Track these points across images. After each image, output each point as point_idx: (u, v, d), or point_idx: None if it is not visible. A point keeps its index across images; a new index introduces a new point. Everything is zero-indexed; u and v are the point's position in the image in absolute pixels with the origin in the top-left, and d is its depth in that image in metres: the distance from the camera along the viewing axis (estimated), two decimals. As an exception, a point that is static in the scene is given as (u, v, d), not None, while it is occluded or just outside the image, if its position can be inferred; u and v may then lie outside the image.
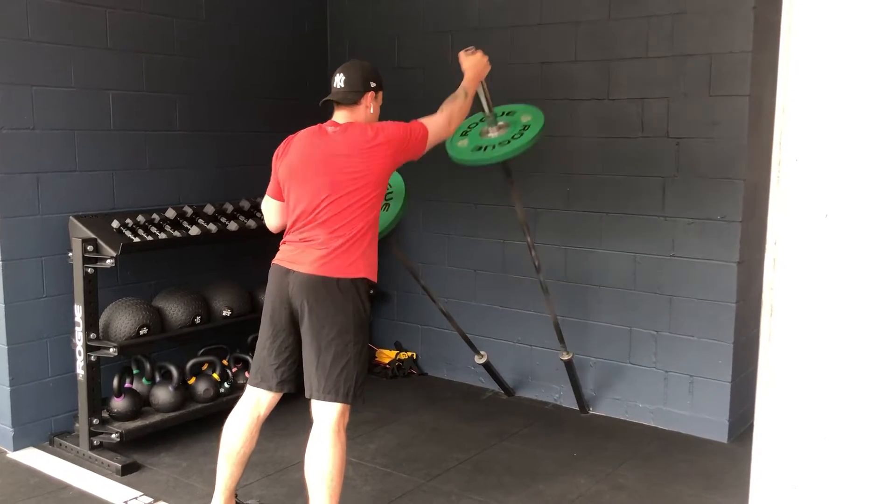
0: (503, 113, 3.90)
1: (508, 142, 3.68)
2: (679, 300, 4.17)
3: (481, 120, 3.88)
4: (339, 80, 3.02)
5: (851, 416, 1.67)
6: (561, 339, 4.21)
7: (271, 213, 3.14)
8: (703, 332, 4.11)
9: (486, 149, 3.71)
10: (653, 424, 4.31)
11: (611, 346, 4.42)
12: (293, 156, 3.01)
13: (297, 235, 2.97)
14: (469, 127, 3.92)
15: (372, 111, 3.05)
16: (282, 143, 3.09)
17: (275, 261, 3.02)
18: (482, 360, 4.46)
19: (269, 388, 3.05)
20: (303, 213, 2.95)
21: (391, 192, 3.75)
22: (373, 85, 3.04)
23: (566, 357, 4.23)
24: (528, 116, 3.81)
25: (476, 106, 3.74)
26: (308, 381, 2.91)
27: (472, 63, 3.38)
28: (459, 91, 3.29)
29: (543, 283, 4.12)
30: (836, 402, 1.69)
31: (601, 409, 4.49)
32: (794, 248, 1.70)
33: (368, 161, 2.90)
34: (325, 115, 3.11)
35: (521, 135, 3.70)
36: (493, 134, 3.81)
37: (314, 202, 2.91)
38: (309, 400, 2.93)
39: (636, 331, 4.33)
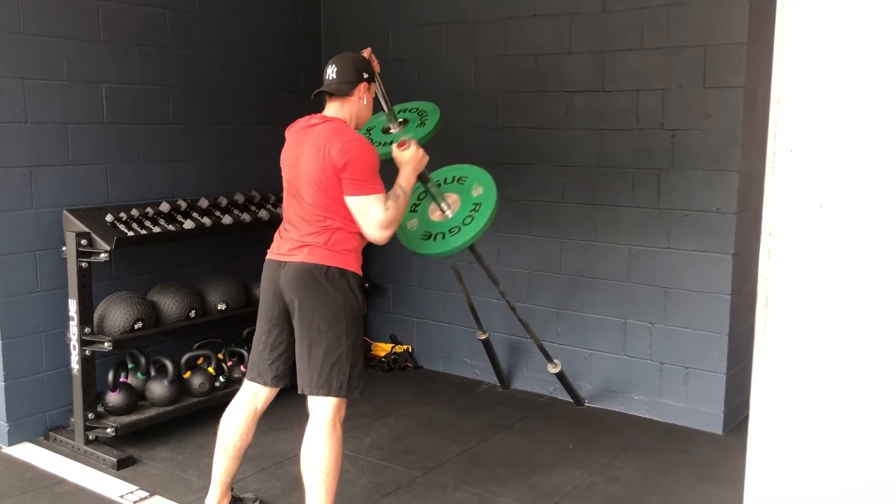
0: (455, 178, 3.53)
1: (459, 228, 3.33)
2: (674, 292, 4.17)
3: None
4: (331, 72, 3.02)
5: (846, 406, 1.68)
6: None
7: None
8: (698, 323, 4.11)
9: (436, 237, 3.35)
10: (648, 416, 4.32)
11: (606, 339, 4.42)
12: (287, 147, 3.03)
13: (287, 227, 2.99)
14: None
15: (365, 102, 3.05)
16: (286, 132, 3.10)
17: (268, 255, 3.03)
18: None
19: (265, 383, 3.05)
20: (293, 203, 2.97)
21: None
22: (365, 76, 3.03)
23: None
24: (480, 189, 3.45)
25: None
26: (300, 375, 2.91)
27: (409, 158, 3.07)
28: (397, 190, 2.98)
29: (510, 303, 4.12)
30: (831, 393, 1.69)
31: (596, 402, 4.50)
32: (789, 239, 1.70)
33: (325, 164, 2.83)
34: (318, 107, 3.10)
35: (473, 219, 3.34)
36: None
37: (301, 194, 2.92)
38: (305, 394, 2.93)
39: (631, 323, 4.33)
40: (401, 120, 3.72)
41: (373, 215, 2.85)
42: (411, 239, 3.41)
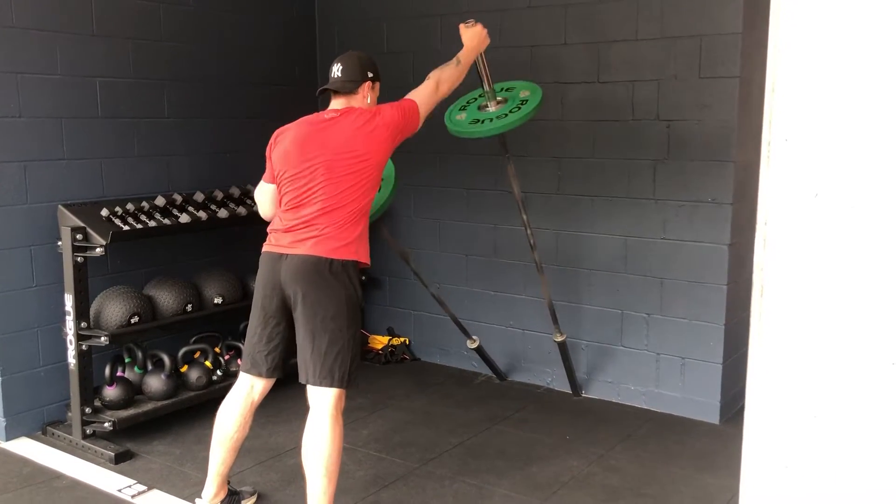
0: (502, 89, 3.88)
1: (506, 115, 3.68)
2: (670, 282, 4.18)
3: (480, 95, 3.86)
4: (336, 70, 3.03)
5: (842, 395, 1.68)
6: (555, 321, 4.22)
7: (267, 199, 3.12)
8: (694, 314, 4.12)
9: (483, 122, 3.71)
10: (645, 407, 4.33)
11: (602, 329, 4.43)
12: (288, 141, 3.00)
13: (289, 219, 2.96)
14: (468, 102, 3.91)
15: (369, 101, 3.05)
16: (273, 135, 3.08)
17: (265, 247, 3.02)
18: (474, 345, 4.47)
19: (260, 375, 3.06)
20: (296, 196, 2.94)
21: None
22: (370, 75, 3.04)
23: (560, 339, 4.24)
24: (527, 91, 3.81)
25: (475, 81, 3.73)
26: (303, 366, 2.92)
27: (471, 35, 3.42)
28: (452, 59, 3.32)
29: (539, 263, 4.12)
30: (827, 382, 1.70)
31: (593, 392, 4.51)
32: (784, 229, 1.70)
33: (368, 144, 2.91)
34: (316, 100, 3.10)
35: (519, 108, 3.69)
36: (492, 108, 3.81)
37: (309, 185, 2.91)
38: (303, 386, 2.94)
39: (627, 313, 4.34)
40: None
41: (425, 87, 3.16)
42: (460, 125, 3.74)
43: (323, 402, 2.88)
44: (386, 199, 3.73)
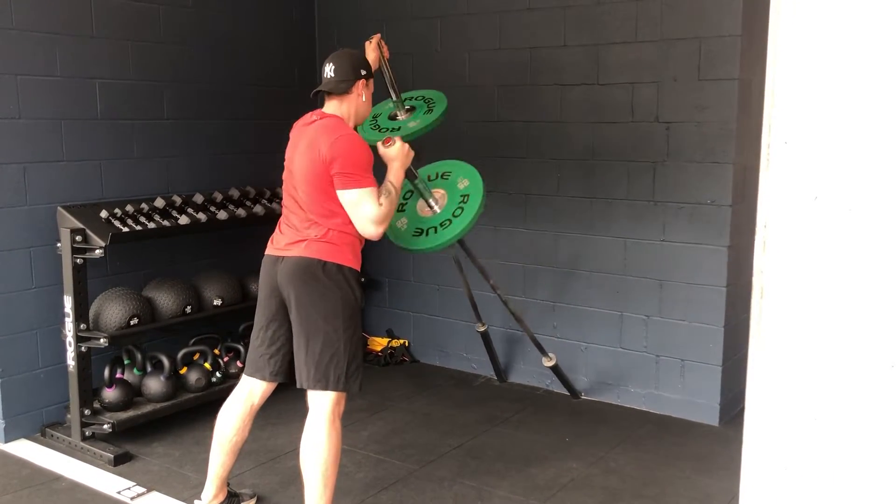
0: (438, 175, 3.55)
1: (450, 221, 3.34)
2: (670, 285, 4.18)
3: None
4: (328, 70, 3.01)
5: (842, 397, 1.68)
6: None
7: None
8: (693, 316, 4.12)
9: (427, 232, 3.34)
10: (644, 409, 4.33)
11: (602, 332, 4.43)
12: (289, 144, 3.04)
13: (285, 221, 3.00)
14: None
15: (364, 99, 3.04)
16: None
17: (267, 250, 3.03)
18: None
19: (263, 378, 3.06)
20: (290, 198, 2.97)
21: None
22: (363, 73, 3.03)
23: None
24: (466, 181, 3.46)
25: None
26: (298, 370, 2.91)
27: (394, 155, 3.05)
28: (388, 186, 2.95)
29: (502, 297, 4.14)
30: (826, 385, 1.70)
31: (592, 394, 4.51)
32: (783, 231, 1.70)
33: (321, 159, 2.83)
34: (314, 102, 3.10)
35: (462, 210, 3.35)
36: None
37: (297, 188, 2.92)
38: (304, 389, 2.93)
39: (627, 316, 4.34)
40: (408, 107, 3.76)
41: (366, 210, 2.84)
42: (402, 237, 3.39)
43: (320, 405, 2.88)
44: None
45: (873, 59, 1.58)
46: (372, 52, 3.51)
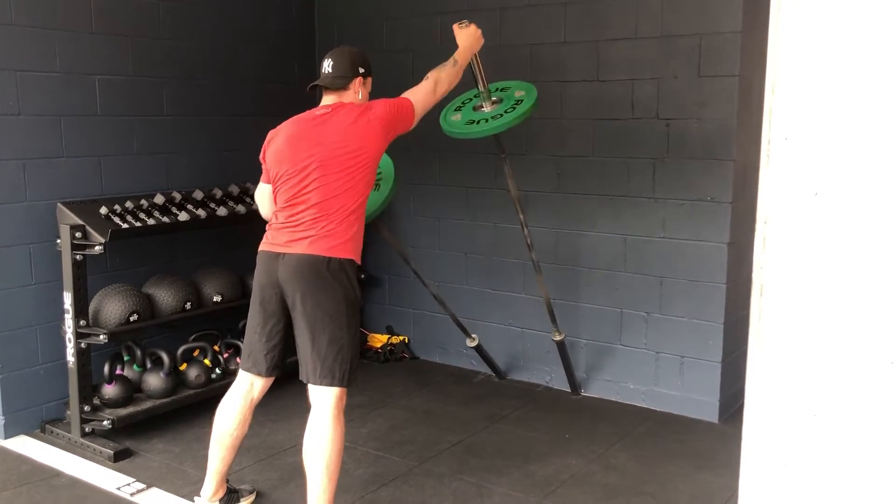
0: (497, 89, 3.87)
1: (502, 115, 3.67)
2: (669, 281, 4.18)
3: (475, 95, 3.86)
4: (327, 66, 3.01)
5: (841, 393, 1.68)
6: (553, 320, 4.22)
7: (265, 200, 3.11)
8: (693, 312, 4.12)
9: (479, 122, 3.70)
10: (644, 405, 4.33)
11: (601, 328, 4.43)
12: (281, 140, 3.00)
13: (284, 218, 2.96)
14: (463, 102, 3.91)
15: (361, 97, 3.04)
16: (267, 136, 3.08)
17: (262, 246, 3.01)
18: (473, 344, 4.47)
19: (260, 374, 3.06)
20: (292, 195, 2.94)
21: (380, 175, 3.72)
22: (361, 70, 3.03)
23: (559, 338, 4.24)
24: (522, 91, 3.80)
25: (471, 82, 3.73)
26: (303, 366, 2.91)
27: (466, 36, 3.40)
28: (449, 60, 3.30)
29: (536, 262, 4.12)
30: (826, 381, 1.70)
31: (592, 391, 4.51)
32: (783, 227, 1.70)
33: (361, 140, 2.90)
34: (314, 99, 3.10)
35: (514, 108, 3.68)
36: (487, 108, 3.81)
37: (303, 182, 2.90)
38: (303, 384, 2.94)
39: (627, 312, 4.34)
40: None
41: (421, 90, 3.13)
42: (455, 126, 3.73)
43: (324, 401, 2.88)
44: (385, 198, 3.72)
45: (874, 55, 1.58)
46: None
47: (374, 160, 2.96)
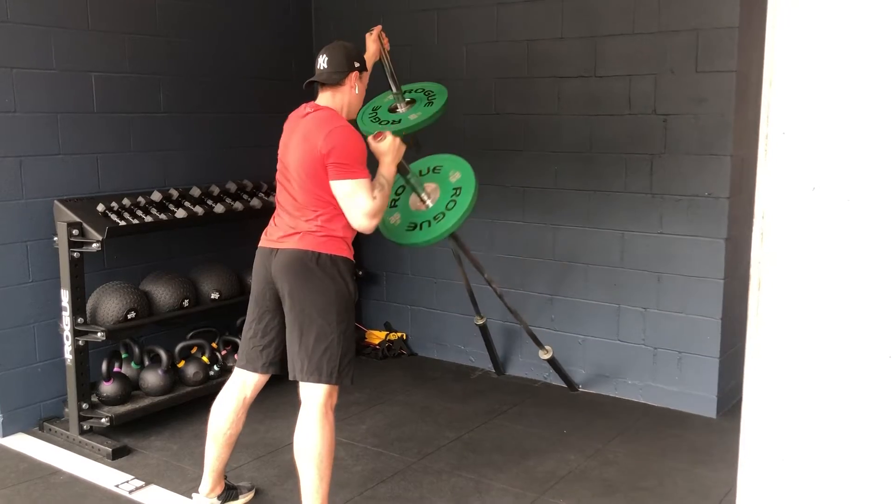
0: (429, 169, 3.52)
1: (443, 214, 3.31)
2: (667, 277, 4.18)
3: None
4: (322, 62, 3.01)
5: (840, 389, 1.69)
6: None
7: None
8: (691, 308, 4.12)
9: (421, 226, 3.32)
10: (642, 401, 4.34)
11: (599, 324, 4.43)
12: (282, 137, 3.04)
13: (279, 214, 3.00)
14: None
15: (357, 91, 3.04)
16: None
17: (260, 243, 3.03)
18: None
19: (255, 370, 3.06)
20: (284, 190, 2.97)
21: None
22: (356, 65, 3.03)
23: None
24: (457, 174, 3.43)
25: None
26: (291, 362, 2.91)
27: (386, 150, 3.05)
28: (380, 180, 2.97)
29: (497, 290, 4.12)
30: (824, 376, 1.70)
31: (590, 387, 4.51)
32: (781, 222, 1.70)
33: (316, 152, 2.83)
34: (310, 95, 3.09)
35: (455, 203, 3.32)
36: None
37: (292, 181, 2.92)
38: (296, 381, 2.93)
39: (624, 308, 4.34)
40: (408, 99, 3.75)
41: (359, 202, 2.83)
42: (396, 232, 3.36)
43: (312, 398, 2.88)
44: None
45: (871, 49, 1.58)
46: (372, 43, 3.50)
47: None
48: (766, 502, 1.81)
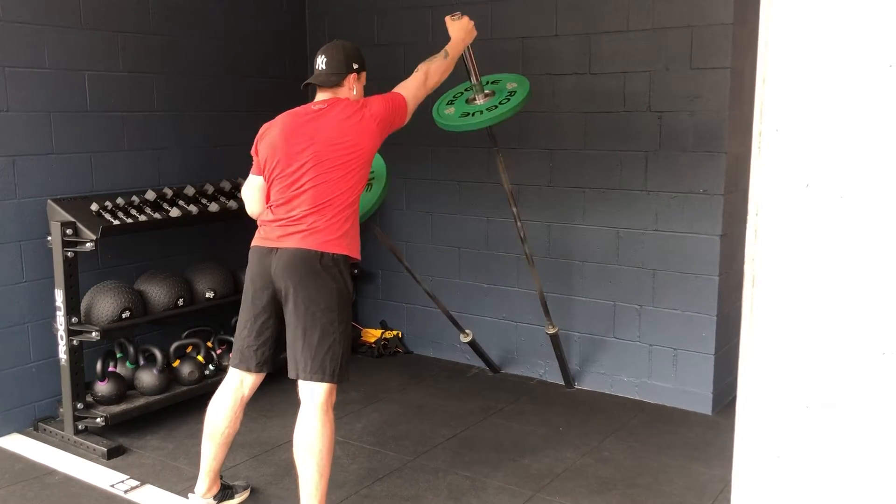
0: (489, 82, 3.87)
1: (495, 107, 3.66)
2: (662, 274, 4.18)
3: (467, 89, 3.85)
4: (321, 62, 2.99)
5: (834, 385, 1.69)
6: (547, 313, 4.22)
7: (255, 193, 3.08)
8: (686, 305, 4.13)
9: (472, 115, 3.69)
10: (637, 398, 4.34)
11: (595, 321, 4.43)
12: (275, 133, 2.98)
13: (278, 213, 2.94)
14: (455, 96, 3.90)
15: (355, 93, 3.03)
16: (261, 129, 3.06)
17: (255, 242, 3.00)
18: (467, 339, 4.47)
19: (249, 369, 3.05)
20: (286, 190, 2.93)
21: (373, 175, 3.71)
22: (355, 66, 3.01)
23: (552, 331, 4.24)
24: (514, 83, 3.80)
25: (463, 74, 3.72)
26: (293, 361, 2.90)
27: (458, 28, 3.40)
28: (441, 52, 3.31)
29: (529, 255, 4.12)
30: (818, 373, 1.70)
31: (586, 384, 4.51)
32: (775, 219, 1.70)
33: (357, 136, 2.90)
34: (305, 93, 3.08)
35: (508, 100, 3.68)
36: (480, 101, 3.79)
37: (298, 177, 2.89)
38: (295, 380, 2.93)
39: (620, 305, 4.34)
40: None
41: (412, 83, 3.14)
42: (449, 119, 3.71)
43: (314, 396, 2.87)
44: (379, 195, 3.72)
45: (864, 47, 1.58)
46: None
47: (368, 157, 2.95)
48: (761, 499, 1.81)
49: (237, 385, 3.08)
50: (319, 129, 2.89)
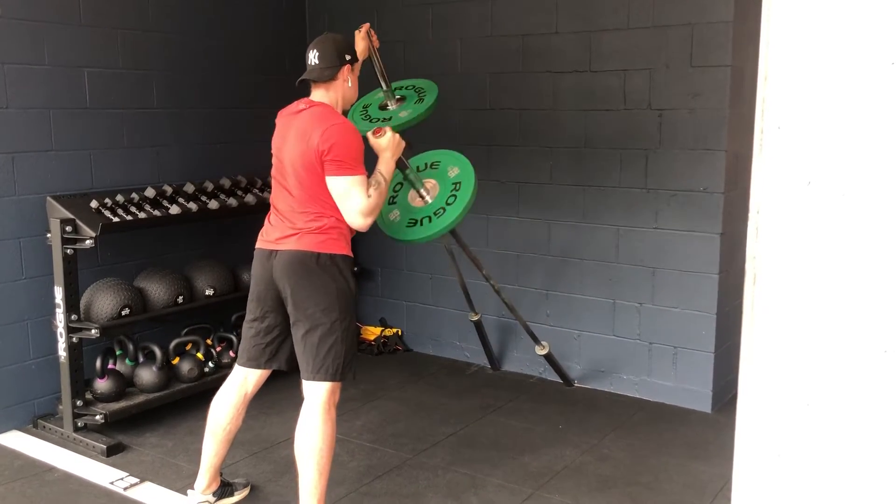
0: (427, 165, 3.51)
1: (444, 209, 3.30)
2: (662, 272, 4.18)
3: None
4: (312, 57, 2.97)
5: (835, 383, 1.68)
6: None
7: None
8: (686, 303, 4.13)
9: (422, 222, 3.30)
10: (637, 396, 4.34)
11: (595, 319, 4.43)
12: (275, 134, 3.02)
13: (275, 213, 2.98)
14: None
15: (350, 84, 3.02)
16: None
17: (258, 243, 3.02)
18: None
19: (258, 367, 3.06)
20: (279, 188, 2.96)
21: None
22: (347, 58, 2.99)
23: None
24: (456, 169, 3.43)
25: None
26: (299, 361, 2.93)
27: (386, 145, 3.04)
28: (378, 177, 2.95)
29: (495, 286, 4.11)
30: (819, 371, 1.70)
31: (585, 382, 4.51)
32: (776, 217, 1.70)
33: (321, 143, 2.81)
34: (305, 91, 3.08)
35: (455, 198, 3.31)
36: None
37: (286, 176, 2.91)
38: (297, 377, 2.94)
39: (620, 303, 4.34)
40: (398, 97, 3.73)
41: (354, 200, 2.83)
42: (396, 229, 3.34)
43: (315, 395, 2.88)
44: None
45: (866, 44, 1.57)
46: (361, 41, 3.45)
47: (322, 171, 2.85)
48: (761, 497, 1.81)
49: (242, 381, 3.08)
50: (297, 131, 2.88)
